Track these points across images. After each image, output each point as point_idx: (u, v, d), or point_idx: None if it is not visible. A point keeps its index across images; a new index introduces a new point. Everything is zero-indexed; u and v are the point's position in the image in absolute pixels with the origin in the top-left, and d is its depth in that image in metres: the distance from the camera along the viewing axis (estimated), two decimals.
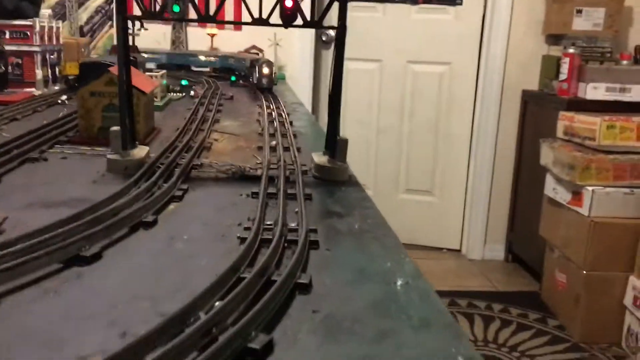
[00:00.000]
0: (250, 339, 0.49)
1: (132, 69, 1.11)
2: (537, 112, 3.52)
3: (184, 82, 2.43)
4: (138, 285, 0.60)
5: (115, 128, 1.06)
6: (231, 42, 3.80)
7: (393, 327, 0.54)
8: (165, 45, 3.65)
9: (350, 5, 1.05)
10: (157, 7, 1.01)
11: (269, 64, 2.22)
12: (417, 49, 3.89)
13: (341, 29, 1.03)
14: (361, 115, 4.00)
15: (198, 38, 3.76)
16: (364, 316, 0.56)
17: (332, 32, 3.91)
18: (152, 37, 3.41)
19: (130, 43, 3.31)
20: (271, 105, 1.92)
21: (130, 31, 3.38)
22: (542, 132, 3.24)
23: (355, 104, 3.93)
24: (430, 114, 3.97)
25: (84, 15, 3.90)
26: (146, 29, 3.13)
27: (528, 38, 3.64)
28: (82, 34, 3.79)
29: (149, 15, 1.01)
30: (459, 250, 4.10)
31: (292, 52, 3.81)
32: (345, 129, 1.29)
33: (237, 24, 1.06)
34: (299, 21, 1.04)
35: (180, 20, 1.02)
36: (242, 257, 0.64)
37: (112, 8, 3.92)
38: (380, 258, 0.71)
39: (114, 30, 3.96)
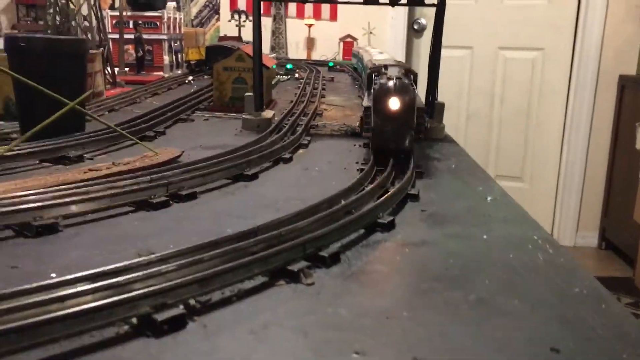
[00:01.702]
0: (379, 217, 0.68)
1: None
2: (634, 97, 3.48)
3: (289, 66, 2.67)
4: (289, 192, 0.81)
5: (249, 94, 1.29)
6: (327, 31, 4.03)
7: (484, 221, 0.71)
8: (266, 35, 3.92)
9: None
10: None
11: (406, 89, 0.91)
12: (509, 35, 3.93)
13: (441, 5, 1.20)
14: (450, 102, 4.05)
15: (296, 28, 4.02)
16: (461, 215, 0.74)
17: (423, 21, 4.05)
18: None
19: (237, 34, 3.62)
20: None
21: (236, 23, 3.69)
22: (639, 117, 3.21)
23: (445, 91, 3.99)
24: (521, 100, 4.00)
25: (193, 9, 4.26)
26: (251, 20, 3.42)
27: (626, 23, 3.59)
28: (192, 27, 4.15)
29: None
30: None
31: (385, 41, 3.97)
32: None
33: (352, 3, 1.25)
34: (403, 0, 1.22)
35: (304, 2, 1.22)
36: (364, 176, 0.83)
37: (219, 2, 4.26)
38: (474, 184, 0.88)
39: (220, 23, 4.30)
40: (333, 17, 4.05)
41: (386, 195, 0.73)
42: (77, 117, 1.04)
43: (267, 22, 3.90)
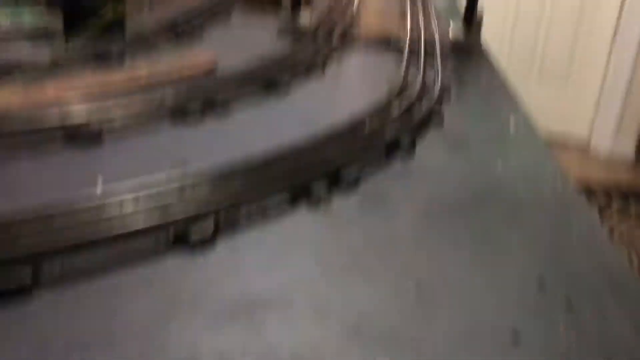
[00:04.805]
0: (400, 139, 0.71)
1: None
2: None
3: None
4: (320, 107, 0.85)
5: None
6: None
7: (502, 147, 0.75)
8: None
9: None
10: None
11: None
12: None
13: None
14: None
15: None
16: (481, 140, 0.77)
17: None
18: None
19: None
20: None
21: None
22: None
23: None
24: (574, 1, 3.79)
25: None
26: None
27: None
28: None
29: None
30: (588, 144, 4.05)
31: None
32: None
33: None
34: None
35: None
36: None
37: None
38: (500, 106, 0.91)
39: None
40: None
41: (410, 118, 0.76)
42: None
43: None
